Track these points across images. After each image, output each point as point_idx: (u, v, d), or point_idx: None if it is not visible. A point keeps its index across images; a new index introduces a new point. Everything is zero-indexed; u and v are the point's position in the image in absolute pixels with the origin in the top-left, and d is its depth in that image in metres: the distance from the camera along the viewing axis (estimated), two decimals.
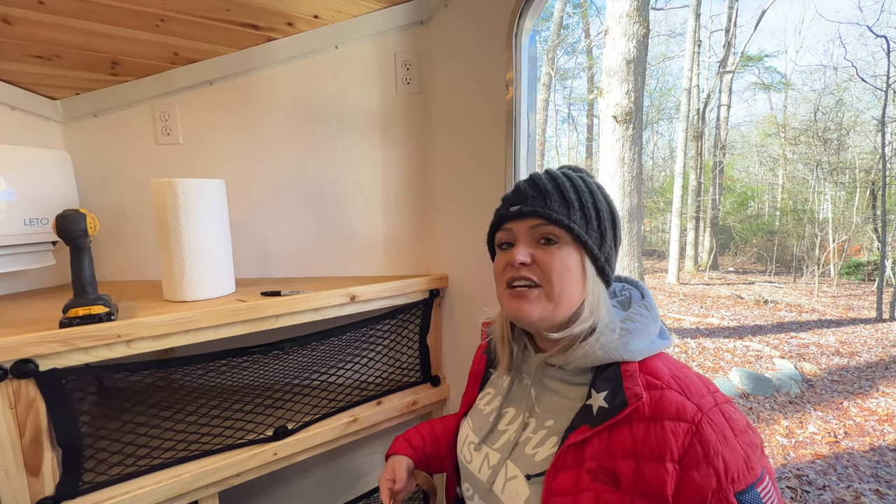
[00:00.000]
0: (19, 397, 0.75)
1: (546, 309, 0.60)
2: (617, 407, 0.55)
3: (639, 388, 0.55)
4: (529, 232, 0.62)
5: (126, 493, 0.85)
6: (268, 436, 1.02)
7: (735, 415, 0.54)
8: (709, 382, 0.57)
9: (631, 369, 0.57)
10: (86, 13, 1.05)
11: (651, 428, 0.52)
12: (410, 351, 1.29)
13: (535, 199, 0.61)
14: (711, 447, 0.50)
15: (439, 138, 1.29)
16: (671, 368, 0.59)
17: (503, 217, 0.65)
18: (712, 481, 0.49)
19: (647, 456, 0.51)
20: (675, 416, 0.52)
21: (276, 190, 1.32)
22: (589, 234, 0.61)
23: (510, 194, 0.66)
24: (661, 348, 0.61)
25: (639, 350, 0.59)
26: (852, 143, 11.13)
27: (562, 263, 0.59)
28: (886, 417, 3.51)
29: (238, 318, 0.95)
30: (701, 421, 0.51)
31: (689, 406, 0.52)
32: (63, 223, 0.81)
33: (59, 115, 1.30)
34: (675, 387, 0.55)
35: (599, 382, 0.59)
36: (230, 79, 1.28)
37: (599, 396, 0.57)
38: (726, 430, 0.51)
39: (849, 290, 8.61)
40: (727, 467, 0.49)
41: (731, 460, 0.49)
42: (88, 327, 0.79)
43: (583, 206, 0.61)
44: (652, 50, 14.02)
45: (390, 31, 1.26)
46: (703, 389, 0.55)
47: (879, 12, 9.60)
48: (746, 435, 0.52)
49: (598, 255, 0.61)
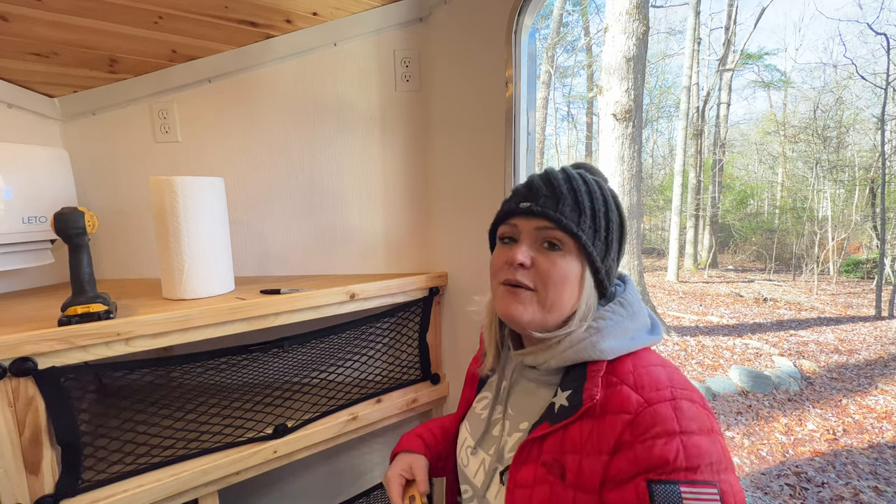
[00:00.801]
0: (18, 396, 0.75)
1: (537, 314, 0.59)
2: (574, 407, 0.55)
3: (596, 388, 0.54)
4: (535, 232, 0.60)
5: (126, 492, 0.85)
6: (267, 434, 1.02)
7: (691, 412, 0.49)
8: (680, 381, 0.54)
9: (596, 369, 0.56)
10: (83, 10, 1.05)
11: (596, 424, 0.53)
12: (410, 349, 1.29)
13: (547, 200, 0.59)
14: (640, 433, 0.48)
15: (439, 136, 1.29)
16: (636, 365, 0.56)
17: (511, 211, 0.63)
18: (630, 466, 0.48)
19: (589, 451, 0.52)
20: (618, 410, 0.52)
21: (276, 188, 1.32)
22: (595, 244, 0.59)
23: (522, 188, 0.63)
24: (643, 345, 0.59)
25: (610, 349, 0.57)
26: (852, 140, 11.13)
27: (561, 273, 0.58)
28: (885, 415, 3.52)
29: (237, 316, 0.95)
30: (642, 412, 0.50)
31: (635, 398, 0.51)
32: (61, 221, 0.81)
33: (57, 113, 1.30)
34: (630, 382, 0.54)
35: (567, 381, 0.59)
36: (229, 76, 1.27)
37: (563, 395, 0.58)
38: (669, 424, 0.48)
39: (848, 288, 8.61)
40: (650, 454, 0.47)
41: (658, 450, 0.46)
42: (87, 325, 0.79)
43: (594, 215, 0.59)
44: (652, 48, 14.00)
45: (389, 29, 1.26)
46: (664, 384, 0.52)
47: (879, 10, 9.59)
48: (696, 436, 0.48)
49: (599, 267, 0.60)
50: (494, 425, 0.69)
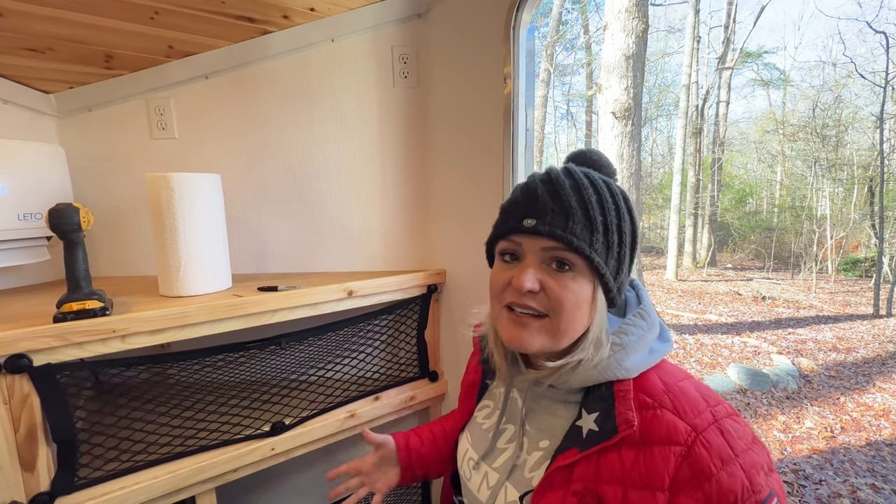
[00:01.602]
0: (13, 393, 0.75)
1: (547, 342, 0.55)
2: (607, 433, 0.51)
3: (631, 412, 0.51)
4: (542, 252, 0.54)
5: (122, 489, 0.85)
6: (265, 431, 1.02)
7: (737, 431, 0.49)
8: (710, 394, 0.53)
9: (624, 389, 0.53)
10: (79, 5, 1.04)
11: (641, 454, 0.49)
12: (408, 346, 1.29)
13: (555, 216, 0.52)
14: (704, 471, 0.46)
15: (437, 133, 1.29)
16: (667, 382, 0.54)
17: (512, 229, 0.55)
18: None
19: (637, 484, 0.48)
20: (665, 440, 0.48)
21: (273, 184, 1.31)
22: (608, 263, 0.53)
23: (523, 200, 0.55)
24: (660, 356, 0.57)
25: (634, 366, 0.54)
26: (851, 139, 11.14)
27: (574, 297, 0.52)
28: (882, 412, 3.53)
29: (234, 313, 0.94)
30: (694, 443, 0.47)
31: (682, 427, 0.48)
32: (56, 217, 0.80)
33: (52, 109, 1.29)
34: (669, 405, 0.51)
35: (590, 402, 0.55)
36: (226, 72, 1.27)
37: (590, 418, 0.54)
38: (724, 451, 0.47)
39: (846, 287, 8.64)
40: (721, 493, 0.45)
41: (727, 485, 0.45)
42: (83, 322, 0.79)
43: (607, 230, 0.53)
44: (651, 46, 14.01)
45: (387, 25, 1.25)
46: (702, 405, 0.51)
47: (879, 8, 9.59)
48: (749, 454, 0.47)
49: (612, 286, 0.54)
50: (500, 438, 0.66)
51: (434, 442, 0.83)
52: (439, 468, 0.82)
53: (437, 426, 0.87)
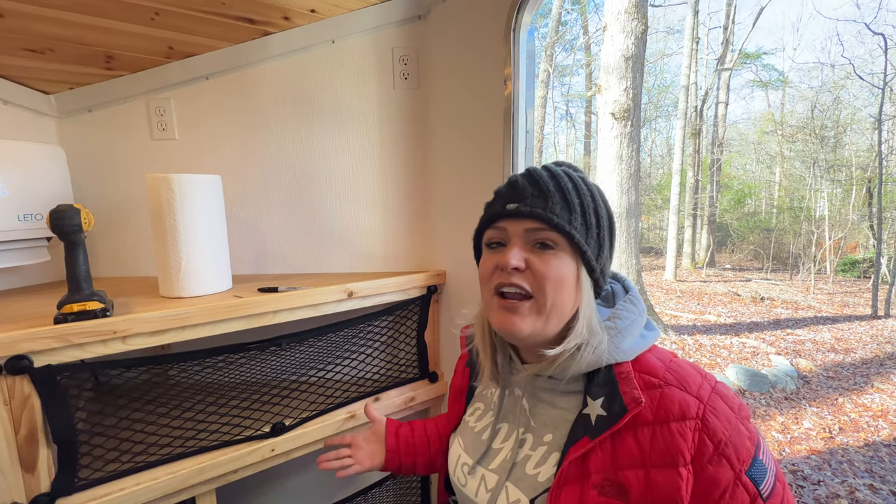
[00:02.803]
0: (14, 394, 0.75)
1: (537, 323, 0.56)
2: (616, 414, 0.52)
3: (636, 391, 0.52)
4: (525, 234, 0.57)
5: (122, 490, 0.85)
6: (265, 432, 1.02)
7: (728, 392, 0.54)
8: (696, 366, 0.57)
9: (625, 370, 0.55)
10: (79, 6, 1.04)
11: (658, 432, 0.50)
12: (408, 347, 1.29)
13: (535, 199, 0.56)
14: (720, 438, 0.49)
15: (437, 134, 1.29)
16: (664, 361, 0.57)
17: (497, 215, 0.59)
18: (727, 472, 0.49)
19: (658, 463, 0.49)
20: (680, 416, 0.50)
21: (273, 186, 1.31)
22: (588, 242, 0.57)
23: (505, 189, 0.60)
24: (651, 341, 0.60)
25: (630, 348, 0.57)
26: (849, 140, 11.17)
27: (557, 273, 0.55)
28: (881, 413, 3.54)
29: (235, 314, 0.94)
30: (705, 413, 0.50)
31: (692, 401, 0.51)
32: (57, 218, 0.80)
33: (52, 110, 1.29)
34: (674, 381, 0.53)
35: (594, 388, 0.56)
36: (226, 73, 1.27)
37: (596, 404, 0.54)
38: (728, 413, 0.51)
39: (844, 287, 8.65)
40: (738, 452, 0.49)
41: (738, 443, 0.50)
42: (83, 323, 0.79)
43: (584, 212, 0.57)
44: (650, 47, 14.01)
45: (387, 26, 1.25)
46: (698, 377, 0.55)
47: (877, 10, 9.61)
48: (743, 409, 0.53)
49: (595, 266, 0.58)
50: (496, 438, 0.65)
51: (425, 434, 0.85)
52: (427, 462, 0.83)
53: (432, 423, 0.89)
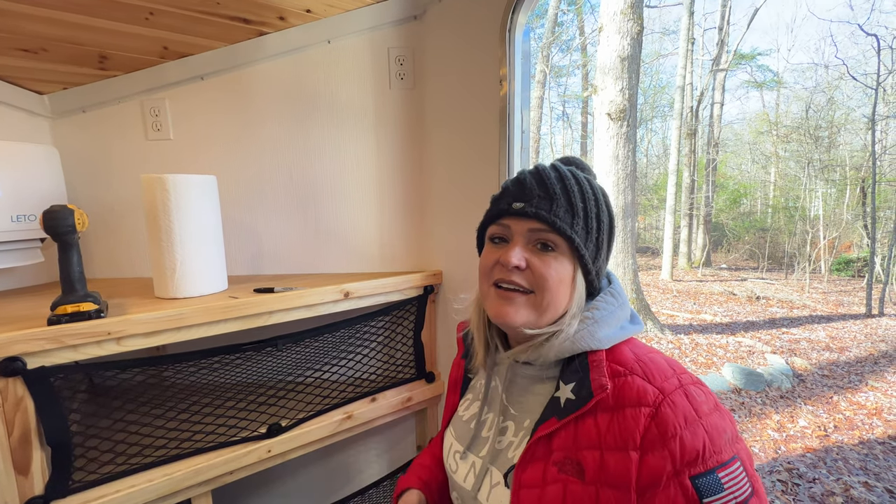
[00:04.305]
0: (7, 396, 0.74)
1: (531, 316, 0.59)
2: (583, 398, 0.54)
3: (604, 378, 0.54)
4: (528, 234, 0.59)
5: (117, 492, 0.84)
6: (261, 433, 1.02)
7: (701, 396, 0.53)
8: (676, 364, 0.57)
9: (598, 359, 0.57)
10: (72, 6, 1.03)
11: (614, 417, 0.52)
12: (405, 347, 1.29)
13: (541, 200, 0.58)
14: (669, 429, 0.49)
15: (433, 134, 1.29)
16: (637, 353, 0.58)
17: (503, 212, 0.61)
18: (667, 464, 0.48)
19: (612, 445, 0.51)
20: (636, 402, 0.52)
21: (269, 186, 1.31)
22: (587, 246, 0.59)
23: (512, 187, 0.62)
24: (630, 334, 0.61)
25: (606, 338, 0.58)
26: (843, 140, 11.25)
27: (556, 274, 0.58)
28: (875, 411, 3.56)
29: (230, 315, 0.94)
30: (661, 404, 0.51)
31: (651, 390, 0.52)
32: (50, 219, 0.80)
33: (46, 110, 1.28)
34: (639, 372, 0.54)
35: (567, 374, 0.58)
36: (221, 73, 1.26)
37: (567, 388, 0.57)
38: (688, 412, 0.50)
39: (839, 287, 8.71)
40: (683, 450, 0.48)
41: (689, 443, 0.48)
42: (77, 325, 0.78)
43: (587, 216, 0.59)
44: (646, 47, 14.09)
45: (383, 26, 1.25)
46: (668, 371, 0.55)
47: (870, 11, 9.70)
48: (713, 417, 0.51)
49: (591, 269, 0.60)
50: (483, 427, 0.67)
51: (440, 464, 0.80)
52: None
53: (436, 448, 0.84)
